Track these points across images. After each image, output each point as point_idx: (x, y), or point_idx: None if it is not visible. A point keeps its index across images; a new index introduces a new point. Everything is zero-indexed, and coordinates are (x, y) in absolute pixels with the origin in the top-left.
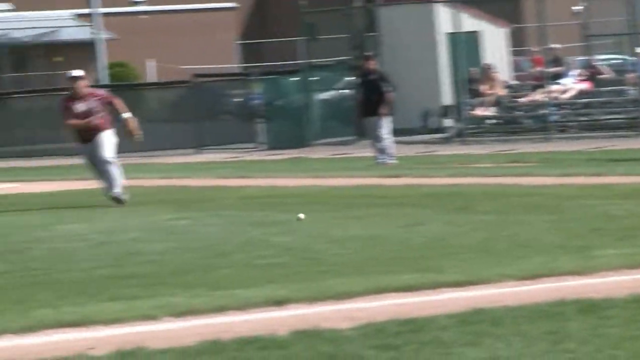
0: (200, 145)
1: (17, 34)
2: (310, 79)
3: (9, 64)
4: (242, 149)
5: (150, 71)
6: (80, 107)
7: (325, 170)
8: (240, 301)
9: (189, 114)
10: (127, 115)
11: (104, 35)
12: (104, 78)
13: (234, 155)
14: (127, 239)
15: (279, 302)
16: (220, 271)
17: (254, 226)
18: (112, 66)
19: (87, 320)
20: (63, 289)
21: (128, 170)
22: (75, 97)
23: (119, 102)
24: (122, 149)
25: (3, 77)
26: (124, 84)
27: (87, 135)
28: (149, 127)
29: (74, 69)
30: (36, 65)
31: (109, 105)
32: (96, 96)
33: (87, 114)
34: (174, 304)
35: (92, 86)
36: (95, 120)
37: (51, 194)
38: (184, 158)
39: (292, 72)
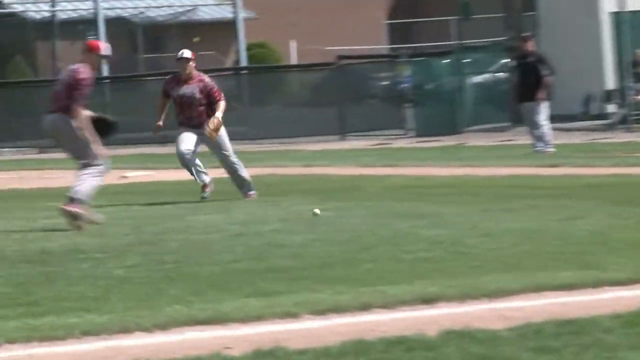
0: (344, 131)
1: (152, 13)
2: (463, 61)
3: (143, 45)
4: (388, 135)
5: (292, 52)
6: (181, 90)
7: (478, 158)
8: (387, 298)
9: (332, 98)
10: (219, 115)
11: (244, 14)
12: (243, 59)
13: (380, 142)
14: (267, 230)
15: (428, 300)
16: (364, 265)
17: (401, 218)
18: (251, 47)
19: (223, 317)
20: (197, 284)
21: (269, 157)
22: (181, 79)
23: (222, 105)
24: (261, 135)
25: (137, 58)
26: (263, 65)
27: (188, 122)
28: (290, 112)
29: (213, 49)
30: (172, 46)
31: (212, 98)
32: (204, 83)
33: (185, 98)
34: (315, 301)
35: (231, 69)
36: (193, 111)
37: (185, 183)
38: (326, 145)
39: (444, 54)
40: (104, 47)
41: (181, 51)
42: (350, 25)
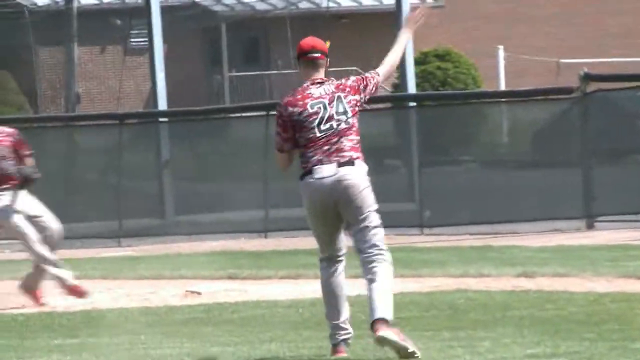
0: (591, 212)
1: None
2: None
3: (230, 54)
4: None
5: (499, 69)
6: None
7: None
8: None
9: (571, 152)
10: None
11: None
12: (411, 80)
13: None
14: None
15: None
16: None
17: None
18: (426, 59)
19: None
20: None
21: (456, 260)
22: None
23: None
24: (441, 220)
25: (216, 78)
26: (445, 92)
27: None
28: (491, 174)
29: (355, 63)
30: (278, 56)
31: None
32: (6, 136)
33: None
34: None
35: (389, 98)
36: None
37: (299, 303)
38: (560, 237)
39: None
40: None
41: None
42: (598, 20)
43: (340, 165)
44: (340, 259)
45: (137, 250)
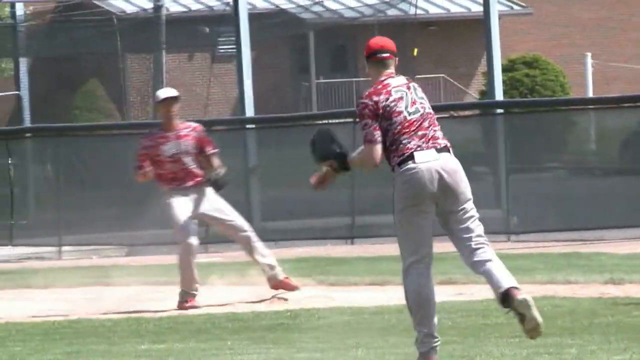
0: None
1: (335, 4)
2: None
3: (317, 61)
4: None
5: (587, 75)
6: (168, 148)
7: None
8: None
9: None
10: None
11: (502, 6)
12: (499, 88)
13: None
14: None
15: None
16: None
17: None
18: (513, 65)
19: None
20: None
21: (542, 267)
22: (165, 128)
23: (215, 156)
24: (528, 226)
25: (303, 85)
26: (534, 99)
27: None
28: (578, 184)
29: (443, 70)
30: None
31: (202, 149)
32: (191, 131)
33: (177, 158)
34: None
35: (475, 105)
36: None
37: (400, 310)
38: None
39: None
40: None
41: (163, 89)
42: None
43: (439, 151)
44: (430, 261)
45: (224, 257)
